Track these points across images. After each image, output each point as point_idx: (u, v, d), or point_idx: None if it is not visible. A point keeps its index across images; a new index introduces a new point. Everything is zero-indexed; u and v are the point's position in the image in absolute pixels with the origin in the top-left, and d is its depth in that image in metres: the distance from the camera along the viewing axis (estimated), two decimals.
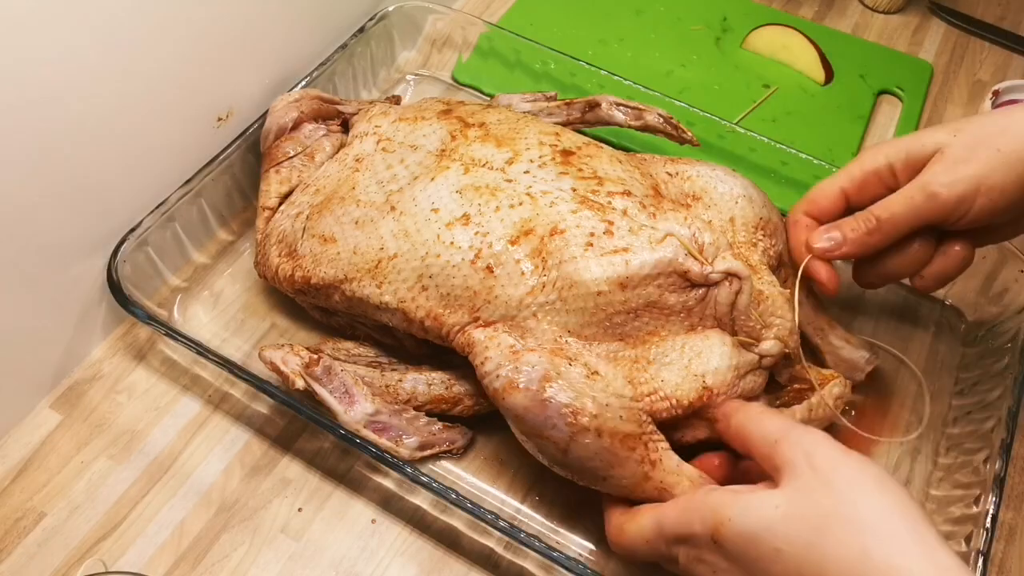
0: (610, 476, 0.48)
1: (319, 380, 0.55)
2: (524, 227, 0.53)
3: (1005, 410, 0.56)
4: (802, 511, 0.40)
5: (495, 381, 0.50)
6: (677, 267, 0.50)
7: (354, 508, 0.57)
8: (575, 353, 0.51)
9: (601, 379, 0.50)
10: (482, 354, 0.51)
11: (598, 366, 0.50)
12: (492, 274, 0.52)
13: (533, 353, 0.50)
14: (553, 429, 0.48)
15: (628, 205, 0.53)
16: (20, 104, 0.50)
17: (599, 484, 0.49)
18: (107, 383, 0.62)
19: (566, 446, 0.48)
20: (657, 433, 0.50)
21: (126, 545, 0.55)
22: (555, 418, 0.48)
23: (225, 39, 0.63)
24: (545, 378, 0.48)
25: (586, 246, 0.51)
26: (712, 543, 0.42)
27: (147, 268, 0.63)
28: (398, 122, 0.63)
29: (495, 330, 0.52)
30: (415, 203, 0.56)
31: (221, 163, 0.66)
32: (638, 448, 0.48)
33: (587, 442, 0.48)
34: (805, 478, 0.41)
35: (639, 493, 0.49)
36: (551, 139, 0.58)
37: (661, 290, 0.50)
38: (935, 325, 0.67)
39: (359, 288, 0.56)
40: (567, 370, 0.49)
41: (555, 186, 0.54)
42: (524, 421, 0.49)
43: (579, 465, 0.48)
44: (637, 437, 0.49)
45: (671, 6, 0.91)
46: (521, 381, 0.49)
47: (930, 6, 0.94)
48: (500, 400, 0.50)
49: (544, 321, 0.51)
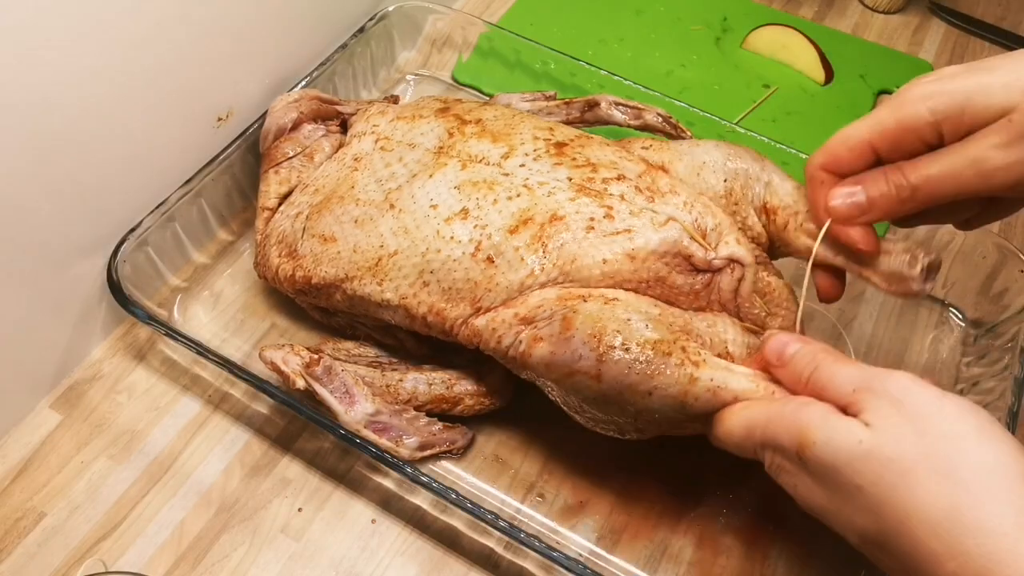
0: (654, 389, 0.45)
1: (319, 380, 0.55)
2: (523, 216, 0.53)
3: (1005, 410, 0.56)
4: (888, 453, 0.37)
5: (519, 346, 0.50)
6: (682, 249, 0.50)
7: (354, 508, 0.57)
8: (587, 291, 0.49)
9: (621, 303, 0.48)
10: (492, 337, 0.51)
11: (617, 295, 0.49)
12: (493, 264, 0.52)
13: (542, 307, 0.49)
14: (580, 360, 0.47)
15: (625, 190, 0.53)
16: (20, 104, 0.50)
17: (647, 401, 0.46)
18: (107, 383, 0.62)
19: (597, 371, 0.46)
20: (694, 339, 0.48)
21: (126, 545, 0.55)
22: (580, 348, 0.47)
23: (225, 39, 0.63)
24: (564, 319, 0.48)
25: (587, 230, 0.51)
26: (798, 459, 0.40)
27: (147, 268, 0.63)
28: (396, 121, 0.63)
29: (495, 312, 0.52)
30: (414, 200, 0.56)
31: (221, 163, 0.66)
32: (674, 352, 0.46)
33: (616, 358, 0.46)
34: (893, 421, 0.37)
35: (692, 400, 0.45)
36: (545, 133, 0.58)
37: (669, 268, 0.50)
38: (935, 325, 0.67)
39: (360, 286, 0.56)
40: (583, 306, 0.48)
41: (551, 176, 0.55)
42: (553, 367, 0.48)
43: (618, 387, 0.46)
44: (670, 342, 0.46)
45: (671, 6, 0.91)
46: (544, 332, 0.48)
47: (930, 6, 0.94)
48: (528, 359, 0.49)
49: (548, 289, 0.51)
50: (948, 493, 0.35)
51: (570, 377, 0.48)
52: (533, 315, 0.50)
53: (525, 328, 0.50)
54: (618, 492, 0.57)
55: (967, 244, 0.65)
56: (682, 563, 0.55)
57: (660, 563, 0.55)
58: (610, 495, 0.57)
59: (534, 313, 0.50)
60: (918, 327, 0.66)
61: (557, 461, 0.58)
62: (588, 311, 0.48)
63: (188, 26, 0.59)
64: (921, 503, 0.35)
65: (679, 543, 0.55)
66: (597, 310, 0.48)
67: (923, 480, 0.36)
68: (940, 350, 0.65)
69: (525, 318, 0.50)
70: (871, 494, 0.37)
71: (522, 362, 0.50)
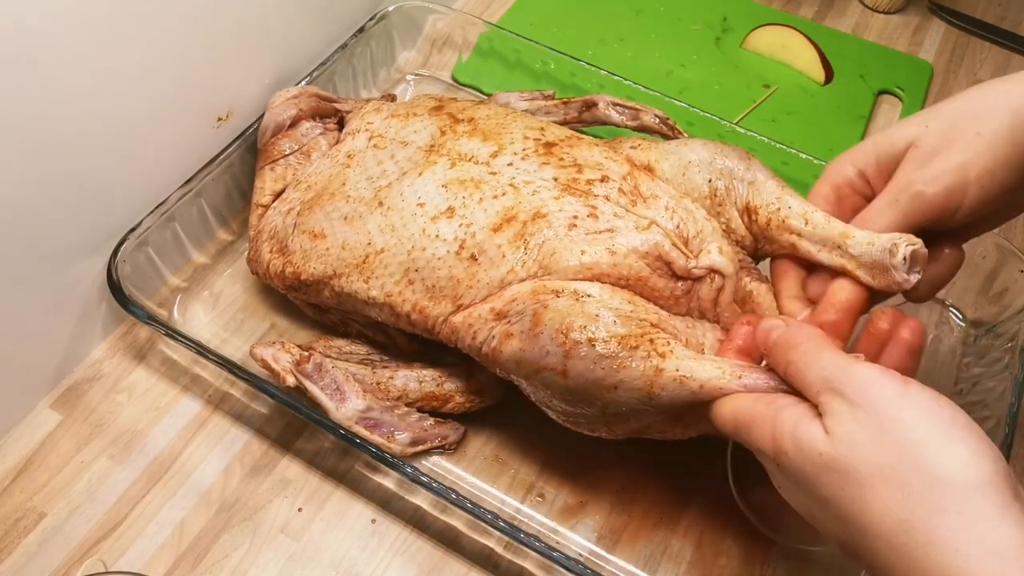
0: (620, 383, 0.45)
1: (310, 377, 0.55)
2: (507, 215, 0.53)
3: (1005, 409, 0.56)
4: (844, 465, 0.36)
5: (492, 342, 0.50)
6: (663, 254, 0.50)
7: (354, 508, 0.57)
8: (561, 285, 0.49)
9: (592, 299, 0.48)
10: (468, 333, 0.51)
11: (590, 290, 0.48)
12: (476, 262, 0.52)
13: (516, 302, 0.49)
14: (548, 356, 0.47)
15: (609, 192, 0.53)
16: (20, 104, 0.50)
17: (613, 395, 0.46)
18: (107, 383, 0.62)
19: (563, 367, 0.46)
20: (663, 332, 0.47)
21: (126, 545, 0.55)
22: (547, 345, 0.47)
23: (225, 39, 0.63)
24: (535, 315, 0.48)
25: (569, 227, 0.51)
26: (776, 466, 0.40)
27: (147, 268, 0.63)
28: (390, 119, 0.63)
29: (473, 307, 0.52)
30: (402, 198, 0.56)
31: (221, 163, 0.66)
32: (641, 345, 0.46)
33: (582, 354, 0.46)
34: (849, 428, 0.36)
35: (659, 391, 0.45)
36: (535, 133, 0.58)
37: (651, 270, 0.50)
38: (935, 325, 0.67)
39: (348, 284, 0.56)
40: (554, 301, 0.48)
41: (537, 176, 0.54)
42: (522, 363, 0.48)
43: (584, 383, 0.46)
44: (638, 336, 0.46)
45: (671, 6, 0.91)
46: (515, 328, 0.49)
47: (930, 6, 0.94)
48: (499, 355, 0.49)
49: (525, 283, 0.51)
50: (901, 507, 0.34)
51: (538, 374, 0.48)
52: (507, 309, 0.50)
53: (498, 324, 0.50)
54: (618, 492, 0.57)
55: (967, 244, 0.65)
56: (682, 563, 0.55)
57: (660, 563, 0.55)
58: (610, 495, 0.57)
59: (508, 307, 0.50)
60: None
61: (557, 461, 0.58)
62: (557, 307, 0.48)
63: (188, 26, 0.59)
64: (877, 516, 0.35)
65: (679, 543, 0.55)
66: (567, 306, 0.47)
67: (879, 492, 0.35)
68: (940, 350, 0.65)
69: (500, 312, 0.50)
70: (835, 506, 0.37)
71: (493, 359, 0.50)
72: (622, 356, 0.45)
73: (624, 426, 0.49)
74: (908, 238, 0.46)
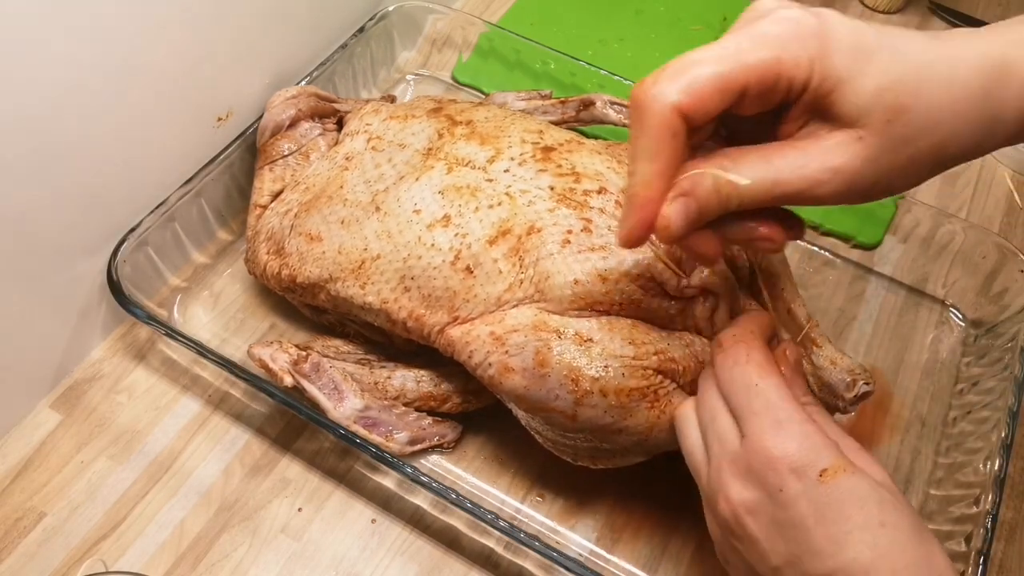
0: (624, 427, 0.48)
1: (307, 377, 0.55)
2: (502, 227, 0.52)
3: (1005, 409, 0.56)
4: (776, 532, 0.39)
5: (488, 369, 0.50)
6: (656, 274, 0.49)
7: (354, 508, 0.57)
8: (561, 324, 0.49)
9: (596, 344, 0.49)
10: (464, 350, 0.51)
11: (591, 334, 0.49)
12: (471, 274, 0.52)
13: (517, 333, 0.50)
14: (557, 400, 0.48)
15: (605, 204, 0.53)
16: (20, 104, 0.50)
17: (615, 435, 0.49)
18: (107, 383, 0.62)
19: (573, 412, 0.48)
20: (665, 380, 0.49)
21: (126, 545, 0.55)
22: (556, 389, 0.48)
23: (225, 39, 0.63)
24: (538, 353, 0.48)
25: (563, 243, 0.51)
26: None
27: (147, 268, 0.63)
28: (389, 120, 0.63)
29: (472, 325, 0.52)
30: (399, 204, 0.56)
31: (221, 163, 0.66)
32: (647, 396, 0.48)
33: (593, 403, 0.48)
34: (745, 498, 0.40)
35: (654, 440, 0.49)
36: (534, 136, 0.58)
37: (644, 292, 0.50)
38: (935, 325, 0.67)
39: (343, 288, 0.56)
40: (558, 341, 0.49)
41: (533, 184, 0.54)
42: (526, 399, 0.49)
43: (590, 426, 0.49)
44: (643, 389, 0.48)
45: (671, 6, 0.91)
46: (515, 362, 0.49)
47: (930, 6, 0.94)
48: (498, 386, 0.50)
49: (523, 308, 0.51)
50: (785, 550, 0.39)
51: (544, 412, 0.49)
52: (506, 338, 0.50)
53: (496, 350, 0.50)
54: (618, 492, 0.57)
55: (967, 244, 0.66)
56: (682, 563, 0.55)
57: (660, 563, 0.55)
58: (610, 495, 0.57)
59: (507, 336, 0.50)
60: (918, 327, 0.66)
61: (557, 461, 0.58)
62: (564, 351, 0.48)
63: (188, 26, 0.59)
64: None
65: (679, 543, 0.55)
66: (574, 353, 0.48)
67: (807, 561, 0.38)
68: (940, 350, 0.65)
69: (499, 338, 0.50)
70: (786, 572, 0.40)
71: (491, 386, 0.51)
72: (630, 407, 0.48)
73: (608, 461, 0.52)
74: (866, 376, 0.52)
